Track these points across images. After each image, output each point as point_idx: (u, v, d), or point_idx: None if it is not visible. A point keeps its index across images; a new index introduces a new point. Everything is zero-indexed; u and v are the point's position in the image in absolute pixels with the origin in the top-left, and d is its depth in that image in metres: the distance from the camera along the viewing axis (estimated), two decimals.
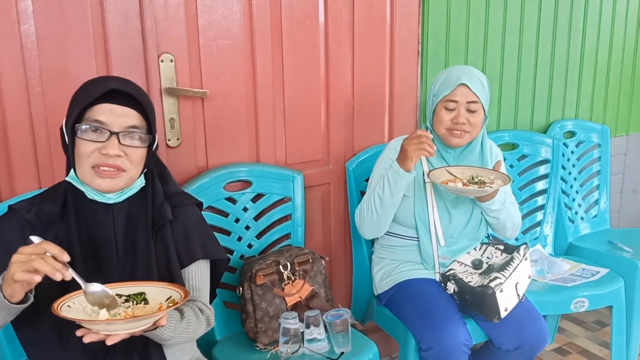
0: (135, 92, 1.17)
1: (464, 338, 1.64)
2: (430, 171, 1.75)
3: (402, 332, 1.76)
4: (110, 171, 1.15)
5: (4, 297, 1.01)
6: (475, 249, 1.84)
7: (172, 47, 1.74)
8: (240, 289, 1.72)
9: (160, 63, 1.72)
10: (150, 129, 1.20)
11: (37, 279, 0.98)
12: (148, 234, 1.23)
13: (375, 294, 1.94)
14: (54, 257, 0.98)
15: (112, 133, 1.14)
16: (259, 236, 1.91)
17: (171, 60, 1.74)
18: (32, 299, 1.06)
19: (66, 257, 0.99)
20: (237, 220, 1.87)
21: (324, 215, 2.14)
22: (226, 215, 1.85)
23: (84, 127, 1.14)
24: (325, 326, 1.66)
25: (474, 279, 1.69)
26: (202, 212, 1.73)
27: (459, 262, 1.79)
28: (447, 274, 1.74)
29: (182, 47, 1.76)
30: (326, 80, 2.06)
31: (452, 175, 1.73)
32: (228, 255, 1.82)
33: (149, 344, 1.22)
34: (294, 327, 1.64)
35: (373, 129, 2.21)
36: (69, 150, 1.17)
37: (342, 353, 1.60)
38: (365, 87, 2.16)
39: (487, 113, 1.81)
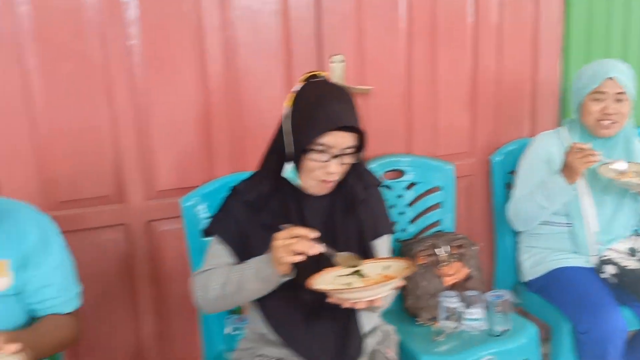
0: (357, 123, 1.29)
1: (621, 323, 1.71)
2: (600, 166, 1.82)
3: (556, 317, 1.85)
4: (331, 183, 1.32)
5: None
6: (627, 238, 1.91)
7: (342, 49, 1.93)
8: None
9: (333, 63, 1.92)
10: (361, 145, 1.33)
11: (301, 258, 1.16)
12: (344, 211, 1.40)
13: (523, 281, 2.04)
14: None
15: (334, 156, 1.28)
16: (412, 222, 2.07)
17: (342, 61, 1.93)
18: (295, 272, 1.24)
19: (315, 234, 1.17)
20: (392, 207, 2.04)
21: (468, 205, 2.26)
22: None
23: (311, 150, 1.27)
24: (484, 306, 1.79)
25: (631, 264, 1.76)
26: None
27: (613, 249, 1.86)
28: (604, 258, 1.82)
29: (351, 48, 1.95)
30: (472, 77, 2.19)
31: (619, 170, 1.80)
32: None
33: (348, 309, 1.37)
34: (454, 305, 1.78)
35: (515, 123, 2.30)
36: (295, 155, 1.29)
37: (504, 331, 1.72)
38: (509, 84, 2.25)
39: (635, 104, 1.87)
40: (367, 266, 1.26)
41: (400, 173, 2.06)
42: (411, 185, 2.07)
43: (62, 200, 1.66)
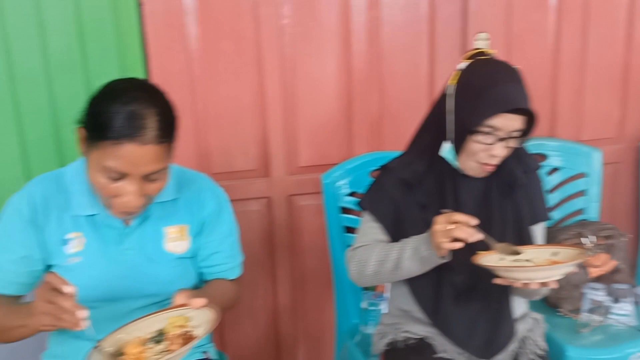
0: (530, 106, 1.21)
1: None
2: None
3: None
4: (492, 167, 1.28)
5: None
6: None
7: (488, 26, 1.87)
8: None
9: (478, 41, 1.86)
10: (528, 130, 1.26)
11: (460, 245, 1.14)
12: (501, 194, 1.35)
13: None
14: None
15: (500, 139, 1.23)
16: (553, 208, 1.98)
17: (487, 39, 1.87)
18: (452, 255, 1.21)
19: (474, 222, 1.14)
20: None
21: (612, 193, 2.12)
22: None
23: (477, 132, 1.22)
24: (633, 301, 1.68)
25: None
26: None
27: None
28: None
29: (496, 26, 1.88)
30: (625, 58, 2.03)
31: None
32: None
33: (502, 291, 1.34)
34: (600, 298, 1.69)
35: None
36: (455, 136, 1.26)
37: None
38: None
39: None
40: (533, 251, 1.23)
41: (542, 157, 1.98)
42: (553, 170, 1.98)
43: (215, 172, 1.77)
